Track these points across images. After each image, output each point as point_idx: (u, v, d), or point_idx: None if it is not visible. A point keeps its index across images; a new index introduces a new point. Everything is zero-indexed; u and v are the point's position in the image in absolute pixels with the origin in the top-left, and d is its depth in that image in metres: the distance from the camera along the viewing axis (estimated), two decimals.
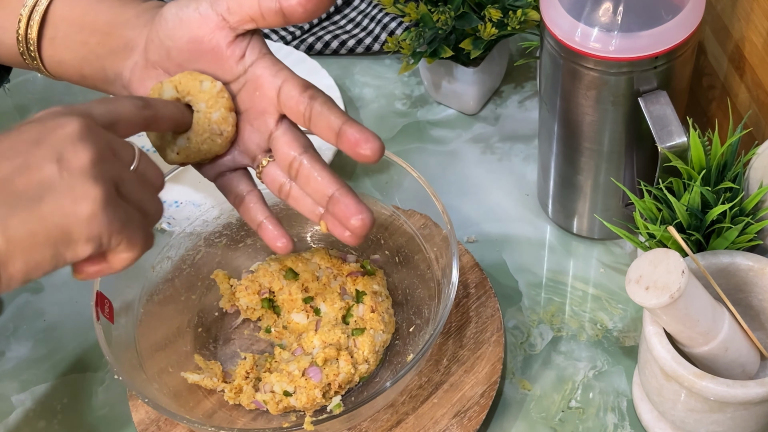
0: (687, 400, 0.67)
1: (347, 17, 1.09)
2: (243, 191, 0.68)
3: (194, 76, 0.64)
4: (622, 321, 0.83)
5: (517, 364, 0.81)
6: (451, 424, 0.75)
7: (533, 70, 1.02)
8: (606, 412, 0.78)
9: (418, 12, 0.90)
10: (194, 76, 0.64)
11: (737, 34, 0.81)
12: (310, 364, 0.75)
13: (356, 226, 0.63)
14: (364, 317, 0.78)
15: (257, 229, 0.69)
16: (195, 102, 0.64)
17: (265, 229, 0.68)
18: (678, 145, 0.72)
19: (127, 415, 0.78)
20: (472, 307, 0.81)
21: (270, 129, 0.65)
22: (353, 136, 0.61)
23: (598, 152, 0.79)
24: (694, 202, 0.71)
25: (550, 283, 0.86)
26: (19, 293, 0.89)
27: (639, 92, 0.73)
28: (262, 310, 0.81)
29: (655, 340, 0.67)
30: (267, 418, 0.76)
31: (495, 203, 0.92)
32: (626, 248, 0.88)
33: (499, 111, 1.00)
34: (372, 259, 0.84)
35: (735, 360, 0.68)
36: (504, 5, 0.90)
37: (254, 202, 0.69)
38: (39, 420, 0.81)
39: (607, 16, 0.70)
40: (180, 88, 0.64)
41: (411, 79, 1.04)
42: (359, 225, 0.63)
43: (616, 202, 0.83)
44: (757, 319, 0.73)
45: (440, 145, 0.98)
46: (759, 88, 0.79)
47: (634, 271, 0.64)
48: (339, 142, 0.62)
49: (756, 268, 0.70)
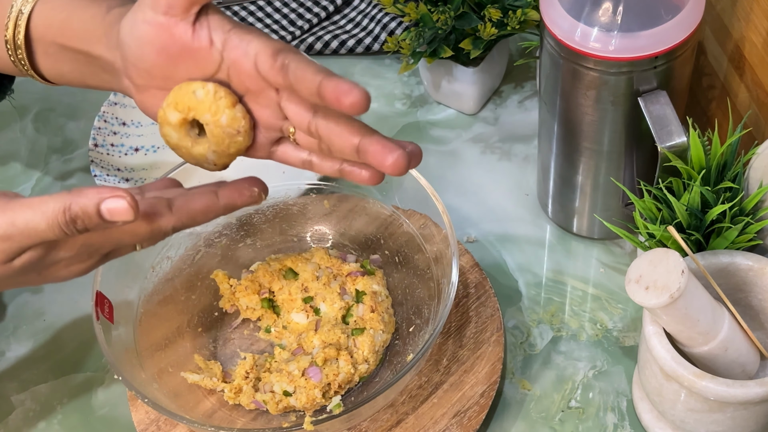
0: (687, 400, 0.67)
1: (347, 17, 1.09)
2: (302, 155, 0.65)
3: (185, 88, 0.62)
4: (622, 321, 0.83)
5: (517, 364, 0.81)
6: (451, 424, 0.75)
7: (533, 70, 1.02)
8: (606, 412, 0.78)
9: (418, 12, 0.90)
10: (185, 88, 0.62)
11: (737, 34, 0.81)
12: (310, 364, 0.75)
13: (391, 165, 0.59)
14: (363, 317, 0.78)
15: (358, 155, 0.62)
16: (199, 115, 0.62)
17: (367, 153, 0.61)
18: (678, 144, 0.72)
19: (127, 415, 0.78)
20: (472, 307, 0.81)
21: (275, 100, 0.63)
22: (332, 91, 0.57)
23: (598, 152, 0.79)
24: (694, 201, 0.71)
25: (550, 283, 0.86)
26: (20, 293, 0.89)
27: (639, 92, 0.73)
28: (261, 310, 0.81)
29: (655, 339, 0.67)
30: (267, 418, 0.76)
31: (495, 203, 0.92)
32: (626, 248, 0.88)
33: (499, 111, 1.00)
34: (372, 259, 0.84)
35: (735, 360, 0.68)
36: (504, 5, 0.90)
37: (320, 157, 0.65)
38: (39, 420, 0.81)
39: (607, 16, 0.70)
40: (180, 107, 0.62)
41: (411, 79, 1.04)
42: (393, 164, 0.59)
43: (616, 202, 0.83)
44: (757, 319, 0.73)
45: (440, 145, 0.98)
46: (759, 88, 0.79)
47: (634, 271, 0.64)
48: (322, 100, 0.58)
49: (756, 267, 0.70)
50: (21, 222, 0.58)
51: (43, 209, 0.57)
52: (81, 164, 0.99)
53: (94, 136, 0.97)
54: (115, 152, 0.97)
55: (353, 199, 0.86)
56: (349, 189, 0.86)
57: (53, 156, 1.00)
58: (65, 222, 0.57)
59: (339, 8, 1.10)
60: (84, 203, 0.57)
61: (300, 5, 1.10)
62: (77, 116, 1.04)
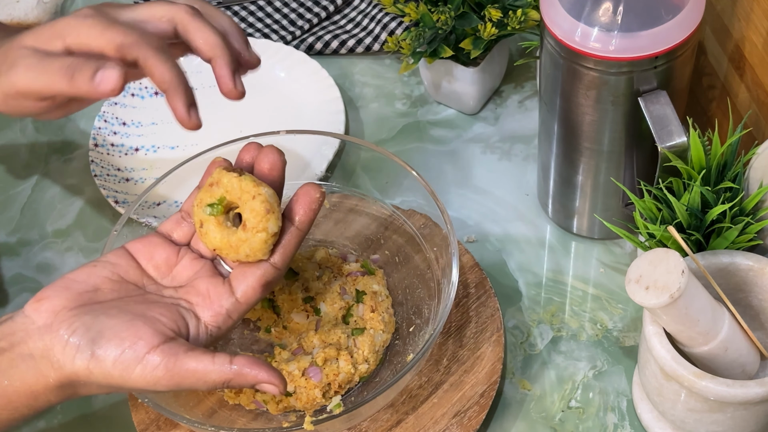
0: (687, 400, 0.67)
1: (347, 17, 1.09)
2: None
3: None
4: (622, 321, 0.83)
5: (517, 364, 0.81)
6: (451, 424, 0.75)
7: (533, 70, 1.02)
8: (606, 411, 0.78)
9: (418, 12, 0.90)
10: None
11: (737, 34, 0.81)
12: (310, 364, 0.75)
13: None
14: (364, 317, 0.78)
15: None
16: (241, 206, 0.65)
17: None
18: (678, 144, 0.72)
19: (127, 415, 0.78)
20: (472, 306, 0.81)
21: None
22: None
23: (598, 152, 0.79)
24: (694, 201, 0.71)
25: (550, 283, 0.86)
26: (20, 293, 0.89)
27: (639, 92, 0.73)
28: (261, 309, 0.81)
29: (655, 340, 0.67)
30: (267, 418, 0.76)
31: (495, 203, 0.92)
32: (626, 248, 0.88)
33: (499, 111, 1.00)
34: (372, 259, 0.84)
35: (735, 360, 0.68)
36: (504, 5, 0.90)
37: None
38: (39, 420, 0.81)
39: (607, 15, 0.70)
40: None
41: (411, 79, 1.04)
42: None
43: (616, 202, 0.83)
44: (757, 319, 0.73)
45: (440, 145, 0.98)
46: (759, 88, 0.79)
47: (634, 271, 0.64)
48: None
49: (756, 267, 0.70)
50: (184, 371, 0.60)
51: (207, 371, 0.60)
52: (81, 164, 0.99)
53: (94, 136, 0.97)
54: (115, 152, 0.97)
55: (353, 199, 0.86)
56: (349, 189, 0.86)
57: (53, 156, 1.00)
58: (221, 387, 0.61)
59: (339, 8, 1.10)
60: (242, 383, 0.61)
61: (300, 5, 1.10)
62: (77, 116, 1.03)
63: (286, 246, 0.65)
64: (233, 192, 0.64)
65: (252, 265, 0.65)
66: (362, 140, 0.82)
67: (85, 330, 0.60)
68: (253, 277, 0.64)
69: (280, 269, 0.65)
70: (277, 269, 0.65)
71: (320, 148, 0.89)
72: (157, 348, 0.59)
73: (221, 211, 0.64)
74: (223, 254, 0.65)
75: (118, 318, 0.60)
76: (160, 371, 0.59)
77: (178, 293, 0.65)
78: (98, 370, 0.59)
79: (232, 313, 0.64)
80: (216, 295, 0.64)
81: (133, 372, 0.59)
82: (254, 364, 0.61)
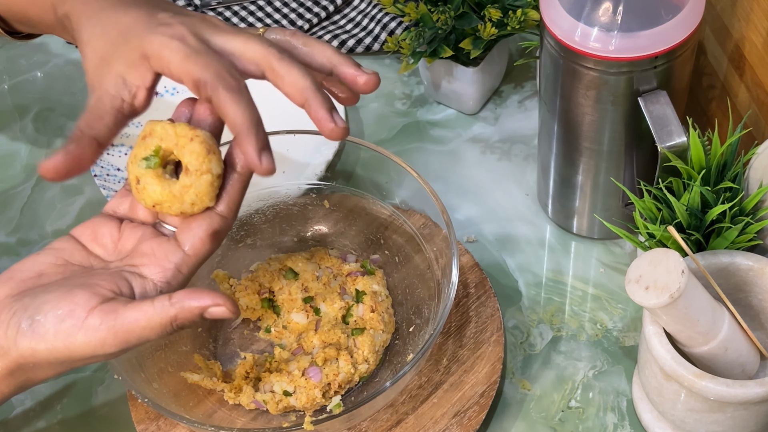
0: (687, 400, 0.67)
1: (347, 17, 1.09)
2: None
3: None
4: (622, 321, 0.83)
5: (517, 364, 0.81)
6: (450, 423, 0.75)
7: (533, 70, 1.02)
8: (606, 411, 0.78)
9: (418, 12, 0.90)
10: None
11: (737, 33, 0.81)
12: (310, 364, 0.75)
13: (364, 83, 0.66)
14: (364, 317, 0.78)
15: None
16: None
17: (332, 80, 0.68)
18: (678, 144, 0.72)
19: (127, 415, 0.78)
20: (472, 306, 0.81)
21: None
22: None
23: (597, 152, 0.79)
24: (694, 201, 0.71)
25: (550, 283, 0.86)
26: None
27: (639, 92, 0.73)
28: (261, 309, 0.81)
29: (655, 339, 0.67)
30: (267, 418, 0.76)
31: (495, 203, 0.92)
32: (626, 248, 0.88)
33: (499, 111, 1.00)
34: (372, 259, 0.84)
35: (735, 360, 0.68)
36: (504, 5, 0.90)
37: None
38: (39, 420, 0.81)
39: (607, 15, 0.70)
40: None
41: (411, 79, 1.04)
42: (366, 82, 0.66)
43: (616, 202, 0.83)
44: (757, 319, 0.73)
45: (440, 145, 0.98)
46: (759, 88, 0.79)
47: (634, 271, 0.64)
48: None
49: (756, 267, 0.70)
50: (126, 324, 0.58)
51: (149, 317, 0.58)
52: None
53: None
54: (115, 152, 0.97)
55: (353, 199, 0.86)
56: (349, 189, 0.86)
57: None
58: (171, 329, 0.59)
59: (339, 8, 1.10)
60: (189, 317, 0.59)
61: (300, 5, 1.10)
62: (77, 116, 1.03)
63: (231, 193, 0.62)
64: (168, 139, 0.60)
65: (197, 217, 0.62)
66: (362, 140, 0.82)
67: (24, 309, 0.58)
68: (200, 228, 0.62)
69: (228, 218, 0.62)
70: (224, 218, 0.62)
71: (320, 148, 0.89)
72: (95, 309, 0.58)
73: (158, 164, 0.61)
74: (165, 208, 0.61)
75: (55, 292, 0.59)
76: (102, 332, 0.57)
77: (123, 262, 0.62)
78: (42, 346, 0.58)
79: (182, 267, 0.62)
80: (162, 252, 0.62)
81: (77, 339, 0.57)
82: (194, 292, 0.58)
